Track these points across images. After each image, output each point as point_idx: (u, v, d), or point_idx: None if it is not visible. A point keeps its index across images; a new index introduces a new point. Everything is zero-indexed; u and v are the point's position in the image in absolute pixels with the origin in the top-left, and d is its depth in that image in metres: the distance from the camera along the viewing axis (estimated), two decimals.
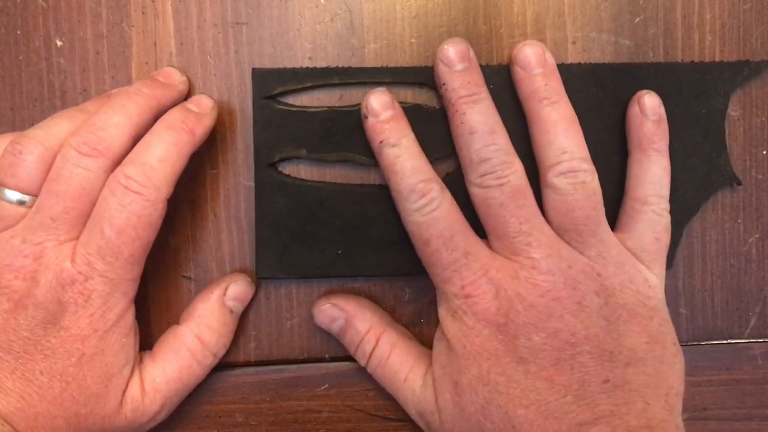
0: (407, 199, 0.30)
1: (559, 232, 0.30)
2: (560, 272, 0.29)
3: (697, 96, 0.33)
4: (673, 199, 0.33)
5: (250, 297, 0.33)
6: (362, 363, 0.33)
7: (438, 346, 0.31)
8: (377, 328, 0.32)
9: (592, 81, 0.33)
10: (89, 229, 0.28)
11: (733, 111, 0.34)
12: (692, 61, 0.34)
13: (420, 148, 0.31)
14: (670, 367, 0.30)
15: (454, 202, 0.30)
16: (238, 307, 0.33)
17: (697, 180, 0.33)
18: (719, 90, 0.33)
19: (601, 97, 0.33)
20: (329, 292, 0.34)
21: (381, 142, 0.31)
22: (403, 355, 0.32)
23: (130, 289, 0.29)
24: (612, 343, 0.29)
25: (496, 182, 0.30)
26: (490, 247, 0.31)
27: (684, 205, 0.33)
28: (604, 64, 0.33)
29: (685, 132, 0.33)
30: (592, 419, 0.28)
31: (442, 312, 0.31)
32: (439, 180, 0.31)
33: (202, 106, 0.31)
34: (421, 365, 0.32)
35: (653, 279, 0.31)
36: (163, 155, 0.29)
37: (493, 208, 0.30)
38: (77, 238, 0.28)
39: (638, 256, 0.31)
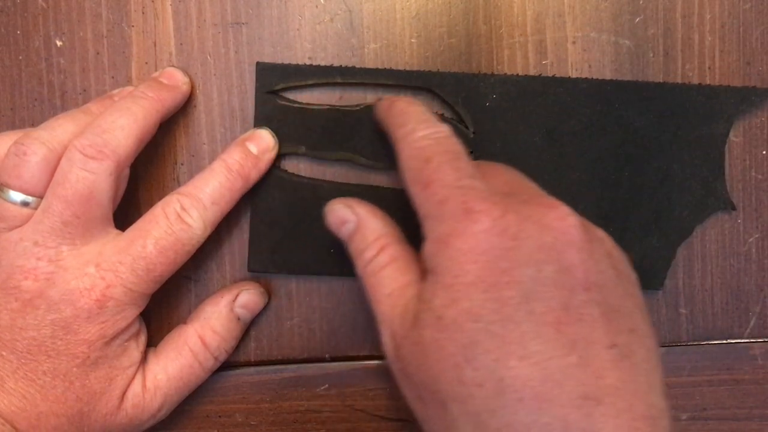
0: (415, 128, 0.28)
1: None
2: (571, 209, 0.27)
3: (701, 119, 0.33)
4: (667, 220, 0.33)
5: (260, 307, 0.33)
6: (359, 270, 0.29)
7: (424, 285, 0.27)
8: (385, 239, 0.29)
9: (598, 97, 0.33)
10: (129, 240, 0.29)
11: (735, 137, 0.34)
12: (699, 84, 0.34)
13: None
14: (659, 352, 0.26)
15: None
16: (246, 316, 0.33)
17: (692, 203, 0.33)
18: (723, 114, 0.33)
19: (605, 113, 0.33)
20: (329, 291, 0.34)
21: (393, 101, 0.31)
22: (399, 271, 0.28)
23: (144, 303, 0.30)
24: (618, 299, 0.25)
25: None
26: None
27: (677, 226, 0.33)
28: (611, 81, 0.33)
29: (684, 153, 0.33)
30: (596, 394, 0.23)
31: (429, 246, 0.26)
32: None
33: (261, 148, 0.32)
34: (412, 289, 0.27)
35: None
36: (216, 198, 0.30)
37: None
38: (91, 242, 0.29)
39: None
